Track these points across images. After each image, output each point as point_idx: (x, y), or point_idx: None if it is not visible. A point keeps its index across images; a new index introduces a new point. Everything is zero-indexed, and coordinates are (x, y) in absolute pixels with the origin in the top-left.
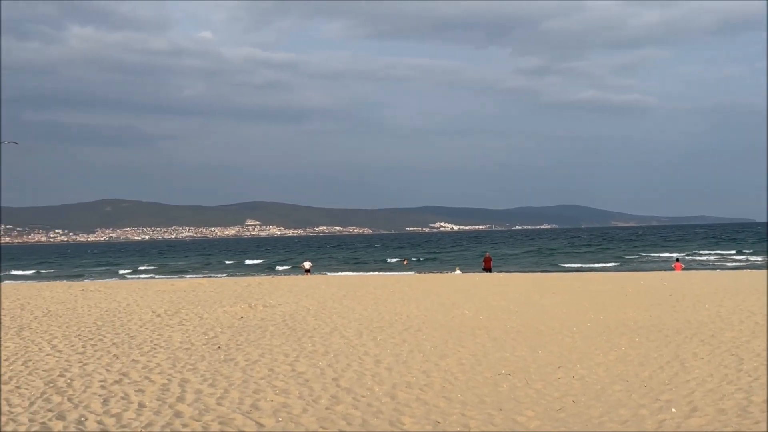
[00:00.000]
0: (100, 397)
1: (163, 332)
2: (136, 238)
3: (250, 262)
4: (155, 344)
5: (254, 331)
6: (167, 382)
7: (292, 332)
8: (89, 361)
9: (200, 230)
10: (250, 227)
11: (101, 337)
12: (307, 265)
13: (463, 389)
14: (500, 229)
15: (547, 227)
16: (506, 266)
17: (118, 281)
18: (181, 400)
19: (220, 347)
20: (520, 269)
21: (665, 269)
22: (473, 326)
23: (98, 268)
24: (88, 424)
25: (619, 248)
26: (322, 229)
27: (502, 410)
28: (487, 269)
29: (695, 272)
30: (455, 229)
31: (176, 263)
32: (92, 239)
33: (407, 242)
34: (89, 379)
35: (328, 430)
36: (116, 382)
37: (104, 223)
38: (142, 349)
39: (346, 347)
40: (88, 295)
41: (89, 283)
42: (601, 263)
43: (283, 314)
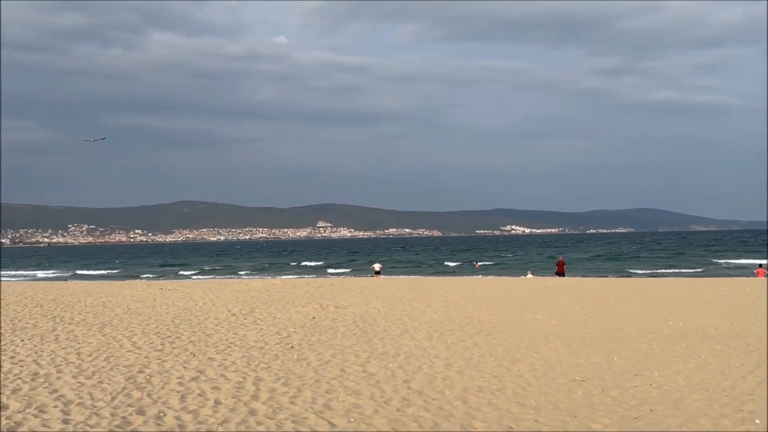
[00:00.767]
0: (177, 393)
1: (237, 331)
2: (211, 238)
3: (308, 263)
4: (230, 343)
5: (326, 331)
6: (242, 380)
7: (362, 333)
8: (167, 358)
9: (273, 231)
10: (321, 229)
11: (179, 335)
12: (377, 267)
13: (536, 395)
14: (573, 232)
15: (622, 231)
16: (579, 270)
17: (194, 281)
18: (255, 398)
19: (292, 347)
20: (593, 274)
21: (747, 275)
22: (546, 331)
23: (164, 267)
24: (166, 419)
25: (698, 253)
26: (391, 231)
27: (576, 417)
28: (560, 273)
29: None
30: (526, 232)
31: (240, 264)
32: (170, 239)
33: (477, 245)
34: (167, 375)
35: (399, 431)
36: (193, 379)
37: (181, 224)
38: (217, 347)
39: (416, 350)
40: (166, 293)
41: (167, 282)
42: (678, 269)
43: (353, 315)
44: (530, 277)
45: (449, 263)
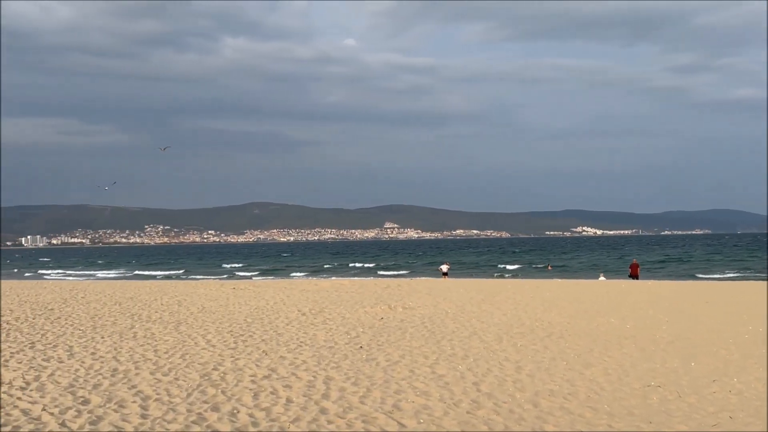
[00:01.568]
0: (250, 391)
1: (308, 330)
2: (282, 239)
3: (356, 264)
4: (301, 342)
5: (394, 332)
6: (313, 379)
7: (431, 335)
8: (240, 356)
9: (341, 232)
10: (388, 230)
11: (251, 333)
12: (444, 268)
13: (609, 400)
14: (648, 234)
15: (699, 232)
16: (653, 273)
17: (266, 280)
18: (326, 397)
19: (361, 347)
20: (668, 276)
21: None
22: (619, 335)
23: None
24: (240, 416)
25: None
26: (459, 232)
27: (651, 423)
28: (633, 276)
29: None
30: (598, 233)
31: (298, 264)
32: (242, 240)
33: (544, 247)
34: (240, 373)
35: None
36: (265, 377)
37: (253, 224)
38: (288, 346)
39: (485, 352)
40: (238, 293)
41: (239, 281)
42: (757, 272)
43: (422, 316)
44: (602, 279)
45: (509, 266)
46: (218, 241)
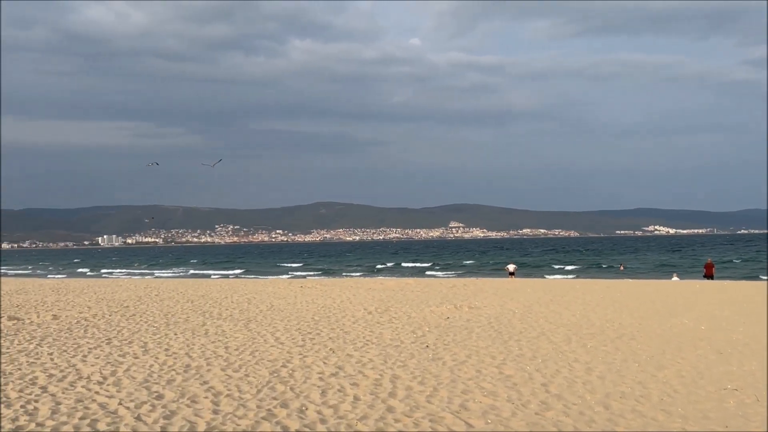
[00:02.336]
0: (318, 388)
1: (374, 329)
2: (347, 238)
3: (409, 264)
4: (367, 340)
5: (460, 331)
6: (379, 377)
7: (498, 335)
8: (308, 353)
9: (406, 231)
10: (453, 229)
11: (318, 331)
12: (511, 267)
13: (683, 403)
14: (723, 233)
15: None
16: (728, 273)
17: (333, 279)
18: (392, 395)
19: (428, 346)
20: (744, 277)
21: None
22: (694, 337)
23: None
24: (308, 413)
25: None
26: (526, 231)
27: (728, 427)
28: (708, 276)
29: None
30: (671, 232)
31: (349, 262)
32: (308, 239)
33: (613, 247)
34: (309, 370)
35: None
36: (333, 374)
37: (319, 224)
38: (355, 344)
39: (554, 353)
40: (305, 291)
41: (307, 280)
42: None
43: (488, 316)
44: (676, 279)
45: (568, 266)
46: (286, 240)
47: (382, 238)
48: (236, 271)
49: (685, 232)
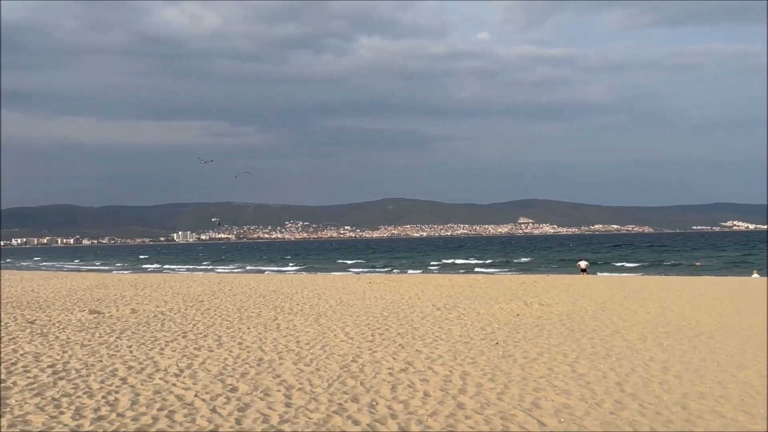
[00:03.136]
0: (388, 383)
1: (443, 325)
2: (415, 234)
3: (458, 261)
4: (436, 336)
5: (531, 329)
6: (449, 373)
7: (570, 332)
8: (378, 349)
9: (474, 228)
10: (522, 225)
11: (387, 327)
12: (582, 264)
13: (765, 404)
14: None
15: None
16: None
17: (401, 275)
18: (462, 392)
19: (497, 343)
20: None
21: None
22: None
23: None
24: (378, 408)
25: None
26: (597, 227)
27: None
28: None
29: None
30: (750, 228)
31: (401, 258)
32: (376, 235)
33: (686, 243)
34: (378, 365)
35: None
36: (402, 370)
37: (387, 220)
38: (424, 340)
39: (629, 351)
40: (374, 287)
41: (375, 276)
42: None
43: (559, 313)
44: (756, 277)
45: (628, 263)
46: (354, 236)
47: (449, 234)
48: (293, 267)
49: (765, 227)
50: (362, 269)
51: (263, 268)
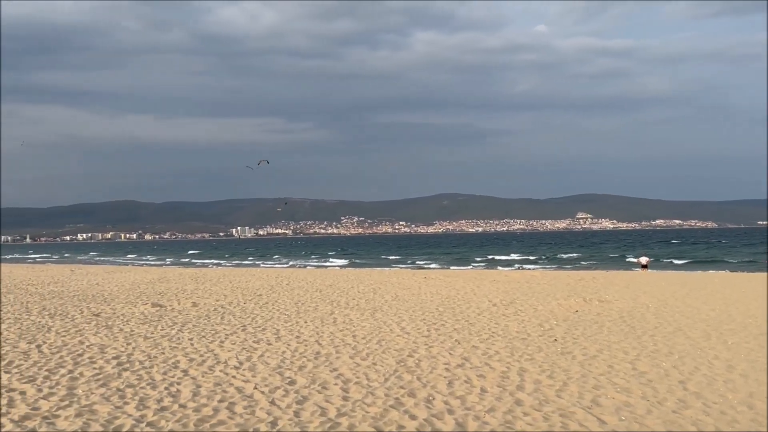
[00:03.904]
0: (445, 378)
1: (499, 321)
2: (470, 230)
3: (501, 257)
4: (493, 332)
5: (590, 326)
6: (506, 369)
7: (630, 329)
8: (434, 344)
9: (531, 223)
10: (581, 220)
11: (443, 322)
12: (643, 260)
13: None
14: None
15: None
16: None
17: (456, 270)
18: (520, 388)
19: (556, 339)
20: None
21: None
22: None
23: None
24: (435, 403)
25: None
26: (659, 222)
27: None
28: None
29: None
30: None
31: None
32: (431, 231)
33: (749, 239)
34: (434, 361)
35: None
36: (459, 366)
37: (442, 215)
38: (480, 336)
39: (692, 349)
40: (429, 282)
41: (431, 271)
42: None
43: (619, 310)
44: None
45: (677, 260)
46: (408, 232)
47: (505, 229)
48: (341, 261)
49: None
50: (403, 265)
51: (312, 263)
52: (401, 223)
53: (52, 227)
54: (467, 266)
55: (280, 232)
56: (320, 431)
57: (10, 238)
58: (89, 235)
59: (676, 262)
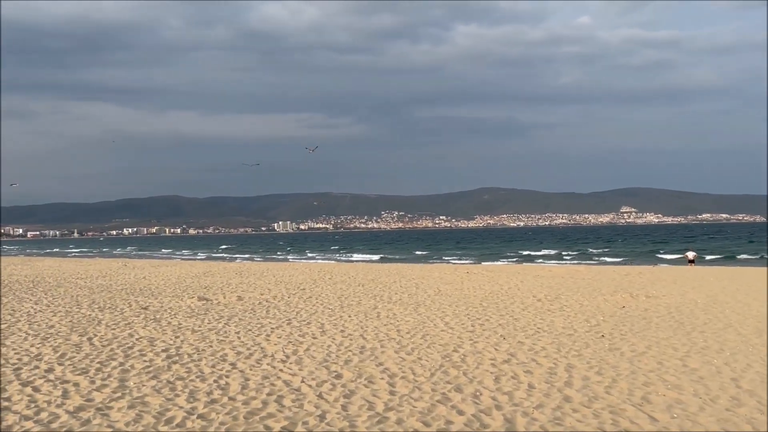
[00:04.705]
0: (491, 374)
1: (545, 317)
2: (511, 224)
3: (537, 252)
4: (538, 328)
5: (638, 321)
6: (553, 365)
7: (679, 325)
8: (479, 339)
9: (573, 217)
10: (624, 214)
11: (487, 317)
12: (690, 255)
13: None
14: None
15: None
16: None
17: (499, 264)
18: (568, 385)
19: (603, 335)
20: None
21: None
22: None
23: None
24: (482, 398)
25: None
26: (705, 216)
27: None
28: None
29: None
30: None
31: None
32: (472, 225)
33: None
34: (480, 356)
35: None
36: (505, 361)
37: (482, 210)
38: (526, 331)
39: (744, 346)
40: (472, 277)
41: (473, 266)
42: None
43: (667, 306)
44: None
45: (707, 255)
46: (449, 226)
47: (547, 224)
48: (374, 257)
49: None
50: (434, 261)
51: (349, 258)
52: (441, 217)
53: (98, 222)
54: (504, 261)
55: (320, 226)
56: (368, 425)
57: (58, 233)
58: (134, 229)
59: (707, 257)
